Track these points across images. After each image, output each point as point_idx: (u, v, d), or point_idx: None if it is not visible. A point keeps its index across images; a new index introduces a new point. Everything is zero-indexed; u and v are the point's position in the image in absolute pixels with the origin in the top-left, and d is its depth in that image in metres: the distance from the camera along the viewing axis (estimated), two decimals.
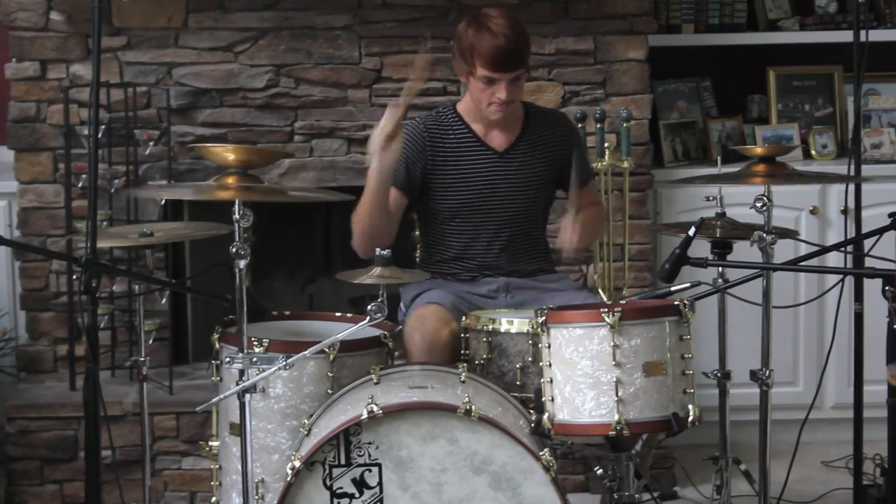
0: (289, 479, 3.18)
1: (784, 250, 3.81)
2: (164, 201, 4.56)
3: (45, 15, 4.59)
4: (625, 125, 4.59)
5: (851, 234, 4.24)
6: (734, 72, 5.32)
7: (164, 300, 4.42)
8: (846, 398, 4.38)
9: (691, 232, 3.50)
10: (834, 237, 4.82)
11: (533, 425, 3.33)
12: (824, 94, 5.24)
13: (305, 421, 3.37)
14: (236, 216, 3.14)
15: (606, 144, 4.57)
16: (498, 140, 3.96)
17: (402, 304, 4.00)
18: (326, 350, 3.43)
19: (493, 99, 3.82)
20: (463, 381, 3.39)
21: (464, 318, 3.66)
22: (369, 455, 3.18)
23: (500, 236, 3.96)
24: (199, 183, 3.43)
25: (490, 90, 3.81)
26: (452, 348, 3.66)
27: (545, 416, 3.32)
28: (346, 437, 3.18)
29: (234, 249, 3.15)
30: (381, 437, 3.18)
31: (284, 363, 3.20)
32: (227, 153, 3.26)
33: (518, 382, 3.53)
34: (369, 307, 3.19)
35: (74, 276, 4.44)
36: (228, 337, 3.54)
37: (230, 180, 3.22)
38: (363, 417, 3.15)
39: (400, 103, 3.65)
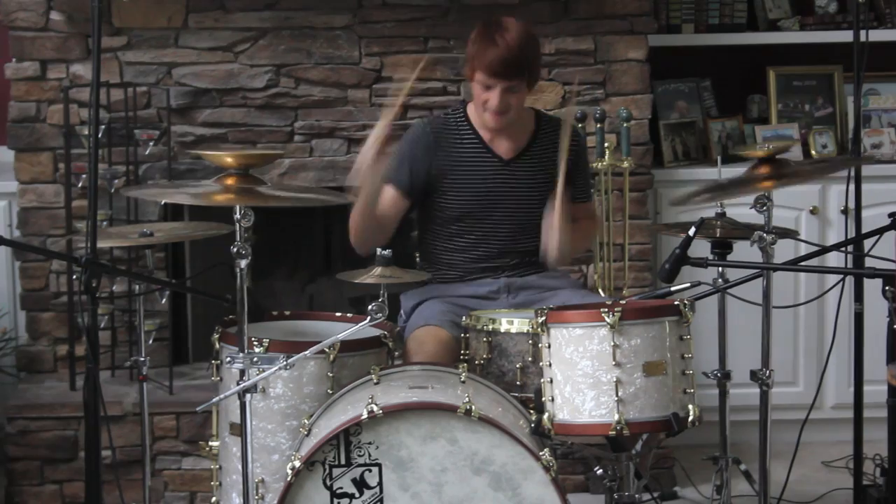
0: (289, 479, 3.18)
1: (784, 250, 3.81)
2: (164, 202, 4.56)
3: (45, 15, 4.59)
4: (625, 125, 4.59)
5: (851, 234, 4.24)
6: (734, 72, 5.32)
7: (164, 300, 4.41)
8: (846, 398, 4.38)
9: (691, 232, 3.50)
10: (834, 237, 4.82)
11: (533, 425, 3.33)
12: (824, 94, 5.24)
13: (305, 421, 3.37)
14: (237, 216, 3.14)
15: (606, 144, 4.57)
16: (504, 147, 3.94)
17: (402, 311, 3.99)
18: (326, 350, 3.43)
19: (487, 105, 3.81)
20: (463, 381, 3.39)
21: (464, 319, 3.66)
22: (369, 455, 3.18)
23: (501, 242, 3.95)
24: (199, 184, 3.41)
25: (485, 95, 3.81)
26: (451, 360, 3.66)
27: (545, 416, 3.32)
28: (346, 437, 3.18)
29: (235, 249, 3.15)
30: (381, 437, 3.18)
31: (285, 363, 3.20)
32: (226, 158, 3.25)
33: (518, 382, 3.53)
34: (370, 307, 3.19)
35: (74, 276, 4.44)
36: (228, 337, 3.54)
37: (230, 181, 3.22)
38: (363, 417, 3.15)
39: (394, 103, 3.66)
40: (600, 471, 3.48)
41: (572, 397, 3.28)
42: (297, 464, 3.18)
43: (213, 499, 3.63)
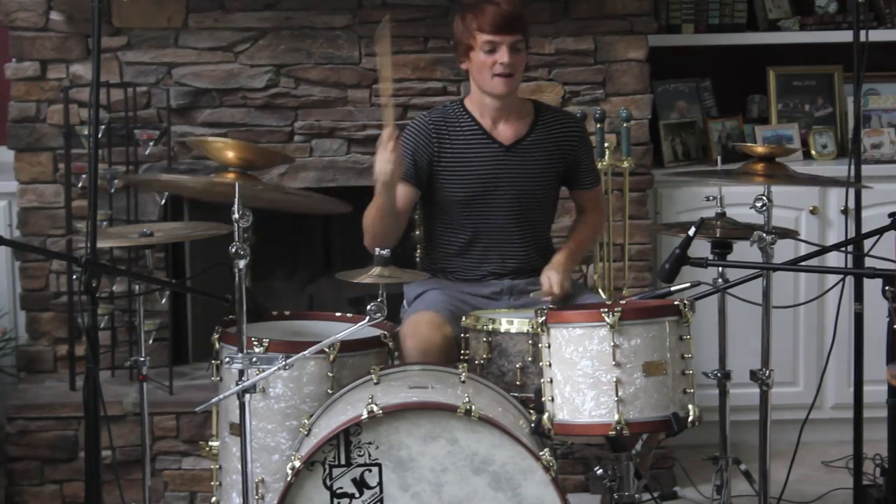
0: (289, 479, 3.18)
1: (784, 250, 3.81)
2: (164, 201, 4.56)
3: (45, 15, 4.58)
4: (625, 125, 4.59)
5: (851, 234, 4.24)
6: (734, 72, 5.31)
7: (164, 300, 4.42)
8: (846, 398, 4.38)
9: (691, 232, 3.50)
10: (834, 237, 4.82)
11: (533, 425, 3.33)
12: (824, 94, 5.24)
13: (305, 421, 3.38)
14: (235, 216, 3.14)
15: (606, 144, 4.56)
16: (505, 134, 3.95)
17: (404, 302, 4.00)
18: (326, 350, 3.43)
19: (496, 68, 3.83)
20: (463, 381, 3.39)
21: (464, 318, 3.66)
22: (369, 455, 3.18)
23: (503, 231, 3.96)
24: (200, 177, 3.41)
25: (492, 58, 3.83)
26: (447, 353, 3.66)
27: (545, 416, 3.32)
28: (346, 437, 3.18)
29: (233, 249, 3.15)
30: (381, 437, 3.18)
31: (284, 363, 3.20)
32: (228, 150, 3.25)
33: (518, 382, 3.53)
34: (369, 307, 3.19)
35: (74, 276, 4.44)
36: (228, 337, 3.54)
37: (230, 176, 3.22)
38: (363, 417, 3.15)
39: (386, 102, 3.69)
40: (600, 471, 3.48)
41: (572, 397, 3.28)
42: (297, 464, 3.18)
43: (213, 499, 3.64)
